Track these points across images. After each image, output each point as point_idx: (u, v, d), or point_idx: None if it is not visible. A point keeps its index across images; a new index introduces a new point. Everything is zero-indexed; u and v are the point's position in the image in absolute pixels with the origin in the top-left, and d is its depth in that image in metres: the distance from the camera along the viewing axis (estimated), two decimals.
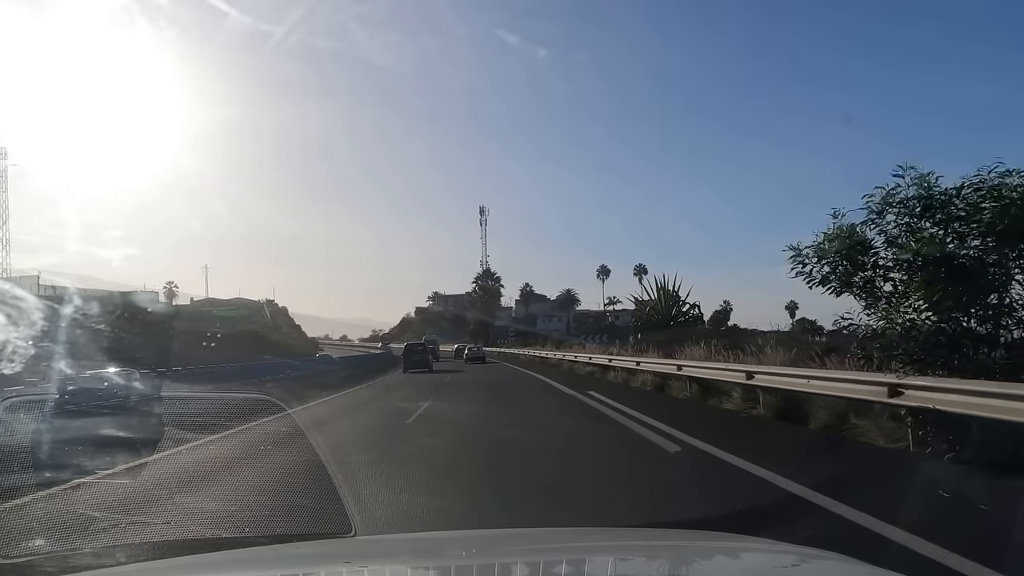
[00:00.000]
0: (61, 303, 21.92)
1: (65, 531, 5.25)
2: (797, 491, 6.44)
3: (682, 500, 6.82)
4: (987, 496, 6.11)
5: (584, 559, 2.49)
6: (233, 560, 2.75)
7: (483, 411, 16.74)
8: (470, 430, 13.09)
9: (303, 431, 9.62)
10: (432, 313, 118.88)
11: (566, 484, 7.56)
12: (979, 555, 4.34)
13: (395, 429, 13.03)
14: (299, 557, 2.66)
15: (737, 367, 14.28)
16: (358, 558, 2.49)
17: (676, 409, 14.49)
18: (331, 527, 5.30)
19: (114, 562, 4.35)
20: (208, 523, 5.70)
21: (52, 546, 4.82)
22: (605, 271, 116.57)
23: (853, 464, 8.31)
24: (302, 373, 31.66)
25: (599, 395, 17.89)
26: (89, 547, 4.86)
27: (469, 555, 2.48)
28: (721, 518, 5.54)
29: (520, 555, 2.50)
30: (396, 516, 5.98)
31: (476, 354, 52.99)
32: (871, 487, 6.92)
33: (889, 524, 5.11)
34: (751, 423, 12.11)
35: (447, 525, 5.61)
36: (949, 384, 7.79)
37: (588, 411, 15.38)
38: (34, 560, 4.52)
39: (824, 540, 3.30)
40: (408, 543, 3.27)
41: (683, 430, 10.63)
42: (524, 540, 2.99)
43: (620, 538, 3.13)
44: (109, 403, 13.41)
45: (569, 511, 6.26)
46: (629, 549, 2.64)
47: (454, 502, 6.68)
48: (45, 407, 9.22)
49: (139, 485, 7.22)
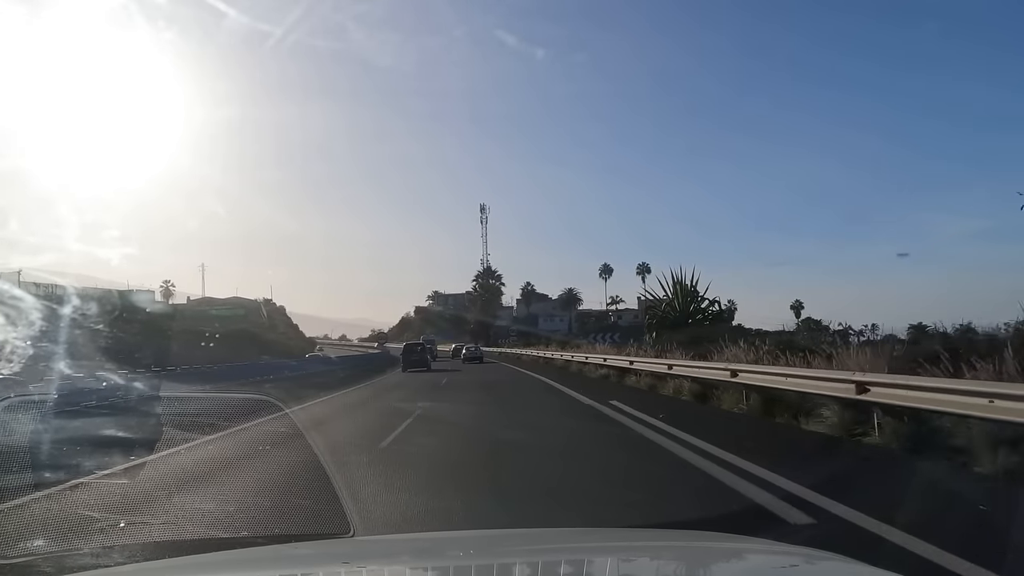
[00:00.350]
0: (51, 301, 21.82)
1: (63, 531, 5.24)
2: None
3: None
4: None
5: (583, 559, 2.48)
6: (231, 560, 2.75)
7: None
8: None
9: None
10: (432, 313, 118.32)
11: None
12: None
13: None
14: (297, 557, 2.66)
15: (839, 375, 10.20)
16: (356, 558, 2.49)
17: (751, 433, 10.65)
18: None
19: (112, 563, 4.35)
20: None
21: (50, 546, 4.82)
22: (608, 270, 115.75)
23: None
24: (298, 374, 31.48)
25: (628, 407, 14.34)
26: (87, 547, 4.86)
27: (468, 555, 2.48)
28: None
29: (519, 555, 2.50)
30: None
31: (474, 354, 52.17)
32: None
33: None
34: (894, 463, 8.13)
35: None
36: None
37: (618, 431, 11.53)
38: (32, 560, 4.52)
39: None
40: (407, 543, 3.26)
41: (798, 478, 6.83)
42: (523, 540, 2.99)
43: (619, 539, 3.13)
44: (106, 403, 13.39)
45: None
46: (628, 550, 2.64)
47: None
48: (44, 407, 9.21)
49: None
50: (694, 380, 16.33)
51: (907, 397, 8.51)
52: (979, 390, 7.44)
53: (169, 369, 24.89)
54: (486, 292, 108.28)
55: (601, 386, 22.15)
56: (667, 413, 12.87)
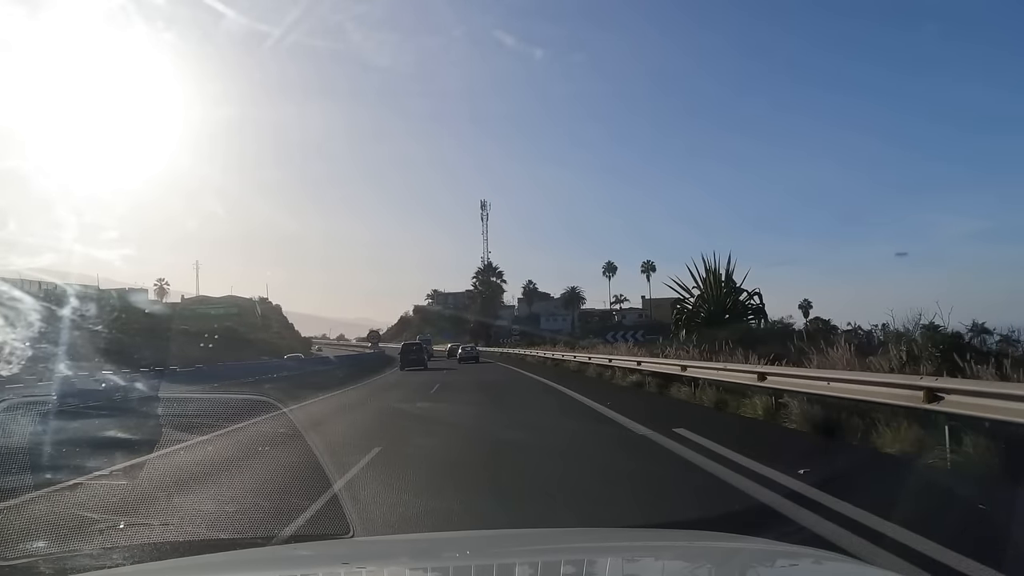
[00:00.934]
0: (49, 302, 21.75)
1: (62, 532, 5.24)
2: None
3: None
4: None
5: (583, 559, 2.47)
6: (231, 561, 2.74)
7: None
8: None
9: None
10: (431, 312, 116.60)
11: None
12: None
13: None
14: (297, 558, 2.65)
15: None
16: (356, 559, 2.49)
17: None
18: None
19: (111, 563, 4.35)
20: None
21: (49, 547, 4.81)
22: (612, 268, 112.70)
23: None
24: (282, 374, 31.00)
25: (724, 447, 8.44)
26: (87, 548, 4.85)
27: (467, 556, 2.48)
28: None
29: (519, 556, 2.49)
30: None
31: (470, 354, 51.32)
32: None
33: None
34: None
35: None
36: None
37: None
38: (31, 562, 4.51)
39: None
40: (406, 544, 3.26)
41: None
42: (522, 541, 2.98)
43: (618, 539, 3.12)
44: (106, 403, 13.38)
45: None
46: (628, 550, 2.63)
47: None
48: (44, 408, 9.21)
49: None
50: (855, 400, 9.27)
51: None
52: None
53: (171, 369, 24.91)
54: (487, 289, 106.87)
55: (642, 400, 16.52)
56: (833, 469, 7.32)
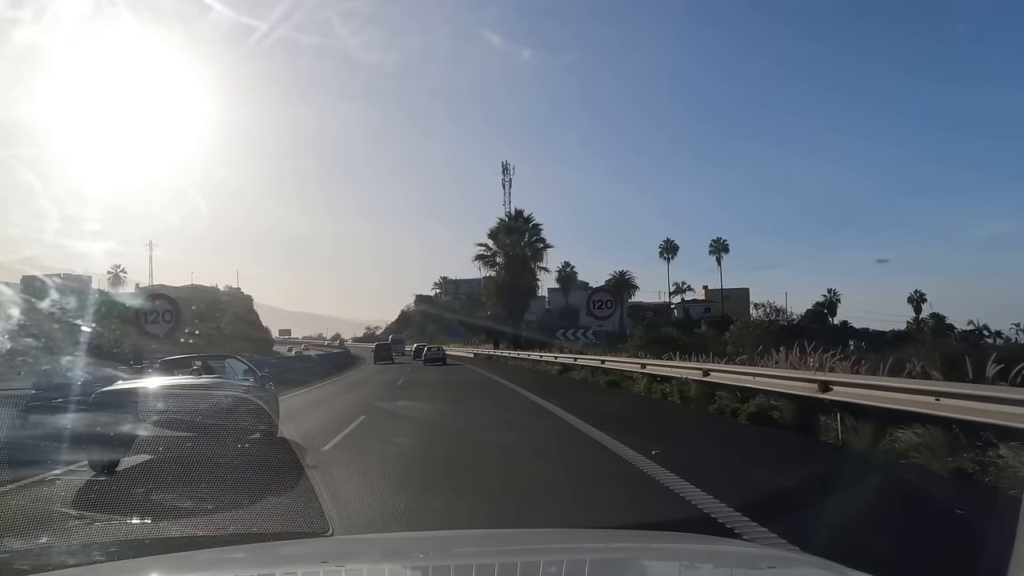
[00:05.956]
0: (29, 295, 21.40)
1: (38, 528, 5.18)
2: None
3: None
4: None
5: (562, 560, 2.48)
6: (209, 560, 2.73)
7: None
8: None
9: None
10: (438, 304, 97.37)
11: None
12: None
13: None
14: (276, 557, 2.64)
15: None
16: (336, 558, 2.48)
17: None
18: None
19: (88, 560, 4.31)
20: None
21: (24, 543, 4.76)
22: (671, 248, 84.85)
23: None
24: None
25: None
26: (62, 544, 4.80)
27: (447, 555, 2.48)
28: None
29: (498, 555, 2.49)
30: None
31: (436, 355, 46.42)
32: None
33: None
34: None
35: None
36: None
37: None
38: (5, 557, 4.45)
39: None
40: (386, 543, 3.25)
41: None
42: (503, 540, 2.99)
43: (597, 540, 3.13)
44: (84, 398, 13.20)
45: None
46: (605, 551, 2.65)
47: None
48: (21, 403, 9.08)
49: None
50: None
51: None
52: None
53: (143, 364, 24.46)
54: (515, 253, 53.78)
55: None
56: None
